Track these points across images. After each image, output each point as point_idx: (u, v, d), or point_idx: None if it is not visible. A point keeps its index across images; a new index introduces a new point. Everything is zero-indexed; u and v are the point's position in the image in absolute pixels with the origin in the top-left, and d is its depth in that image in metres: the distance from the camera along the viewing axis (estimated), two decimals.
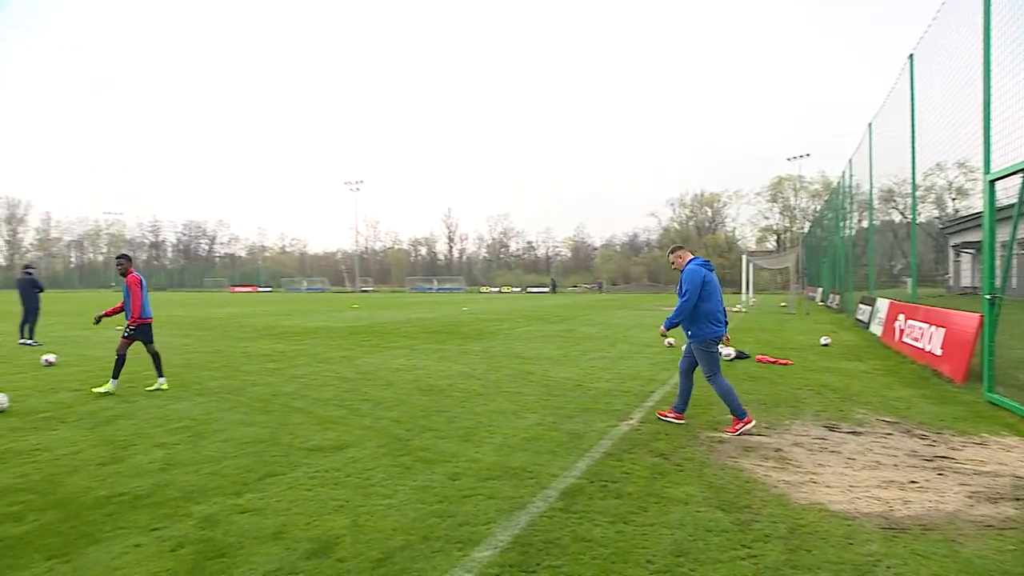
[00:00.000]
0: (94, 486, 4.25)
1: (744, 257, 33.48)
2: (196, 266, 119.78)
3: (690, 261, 5.97)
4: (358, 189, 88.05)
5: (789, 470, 4.59)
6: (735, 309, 27.99)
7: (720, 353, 10.45)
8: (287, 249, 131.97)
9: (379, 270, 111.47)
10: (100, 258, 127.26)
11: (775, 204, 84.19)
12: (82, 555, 3.20)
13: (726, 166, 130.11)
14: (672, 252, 6.24)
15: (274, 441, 5.37)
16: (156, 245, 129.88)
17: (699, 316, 5.75)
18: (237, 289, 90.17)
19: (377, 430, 5.76)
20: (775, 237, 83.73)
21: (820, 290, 35.62)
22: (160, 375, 8.10)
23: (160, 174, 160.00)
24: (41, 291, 14.34)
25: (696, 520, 3.63)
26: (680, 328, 5.95)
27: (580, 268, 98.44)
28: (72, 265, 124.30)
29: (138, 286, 7.87)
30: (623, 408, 6.70)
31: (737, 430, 5.62)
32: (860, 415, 6.43)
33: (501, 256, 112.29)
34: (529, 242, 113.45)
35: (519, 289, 76.55)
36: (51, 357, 10.42)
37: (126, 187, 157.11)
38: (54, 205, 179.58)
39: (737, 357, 10.61)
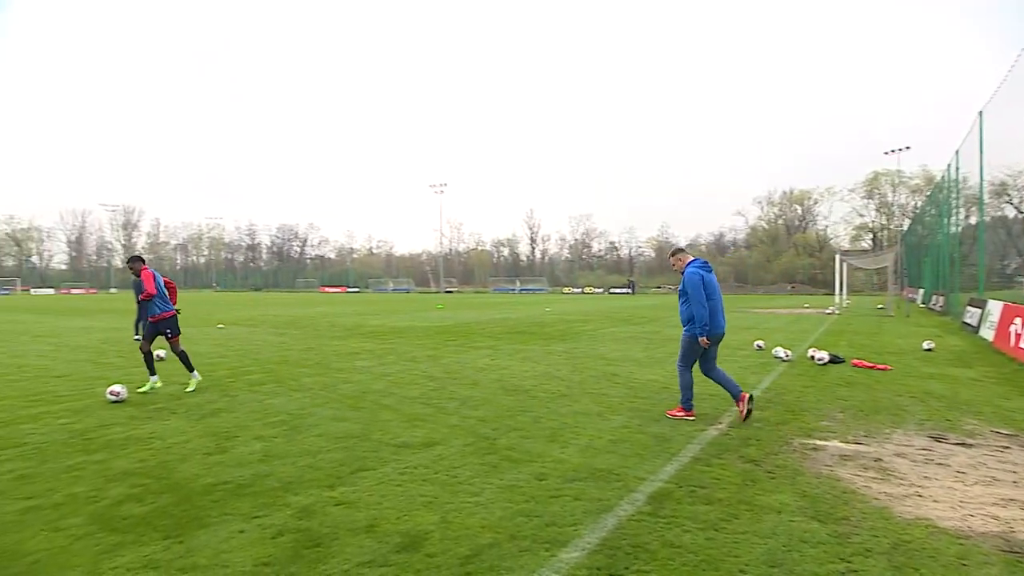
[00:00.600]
0: (201, 473, 4.53)
1: (837, 257, 31.78)
2: (289, 267, 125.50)
3: (690, 263, 6.29)
4: (442, 191, 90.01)
5: (891, 482, 4.33)
6: (827, 311, 26.66)
7: (815, 358, 10.12)
8: (374, 251, 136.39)
9: (463, 271, 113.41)
10: (202, 260, 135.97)
11: (871, 201, 79.94)
12: (193, 537, 3.41)
13: (817, 162, 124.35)
14: (673, 255, 6.60)
15: (365, 437, 5.56)
16: (252, 247, 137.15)
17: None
18: (327, 289, 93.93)
19: (464, 429, 5.85)
20: (871, 236, 79.41)
21: (921, 291, 33.45)
22: (152, 373, 8.05)
23: (256, 179, 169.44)
24: None
25: (790, 530, 3.49)
26: (716, 327, 6.16)
27: (664, 269, 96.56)
28: (178, 266, 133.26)
29: (152, 279, 7.73)
30: (711, 412, 6.52)
31: (675, 415, 6.28)
32: (971, 426, 5.99)
33: (583, 257, 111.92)
34: (612, 242, 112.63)
35: (601, 290, 75.89)
36: (162, 353, 11.15)
37: (225, 192, 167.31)
38: (163, 211, 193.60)
39: (831, 361, 10.12)
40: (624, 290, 73.83)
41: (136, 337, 14.64)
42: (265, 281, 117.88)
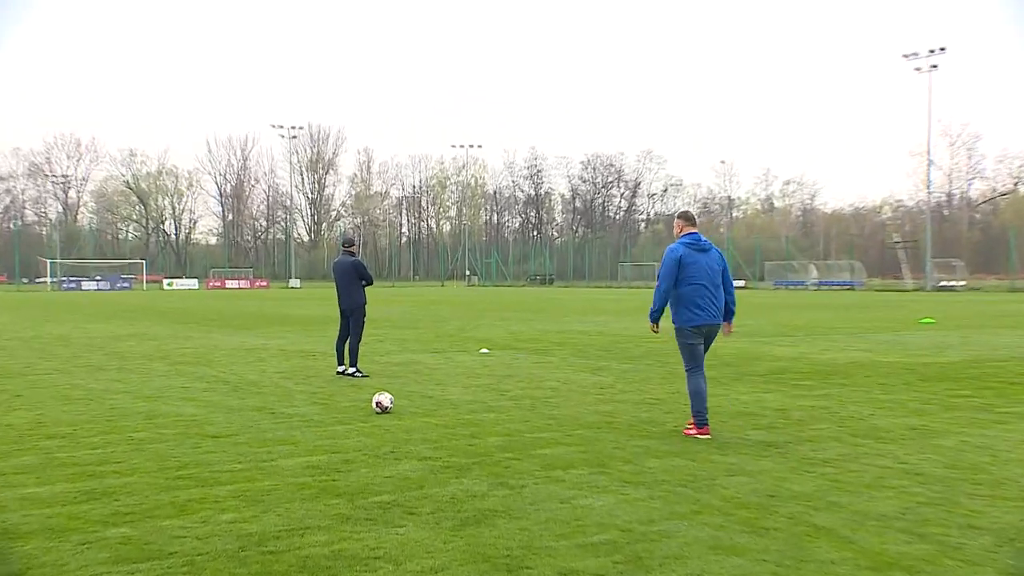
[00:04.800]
0: None
1: None
2: (601, 237, 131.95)
3: (682, 236, 9.92)
4: (934, 66, 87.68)
5: None
6: None
7: None
8: (774, 202, 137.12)
9: (978, 241, 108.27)
10: (445, 224, 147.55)
11: None
12: None
13: None
14: (676, 217, 10.57)
15: None
16: (536, 200, 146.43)
17: (678, 300, 9.82)
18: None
19: None
20: None
21: None
22: None
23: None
24: (368, 284, 16.84)
25: None
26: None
27: None
28: (403, 236, 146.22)
29: None
30: None
31: (690, 433, 10.23)
32: None
33: None
34: None
35: None
36: (385, 399, 12.30)
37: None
38: (371, 139, 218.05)
39: None
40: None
41: (340, 369, 16.34)
42: (560, 265, 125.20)
